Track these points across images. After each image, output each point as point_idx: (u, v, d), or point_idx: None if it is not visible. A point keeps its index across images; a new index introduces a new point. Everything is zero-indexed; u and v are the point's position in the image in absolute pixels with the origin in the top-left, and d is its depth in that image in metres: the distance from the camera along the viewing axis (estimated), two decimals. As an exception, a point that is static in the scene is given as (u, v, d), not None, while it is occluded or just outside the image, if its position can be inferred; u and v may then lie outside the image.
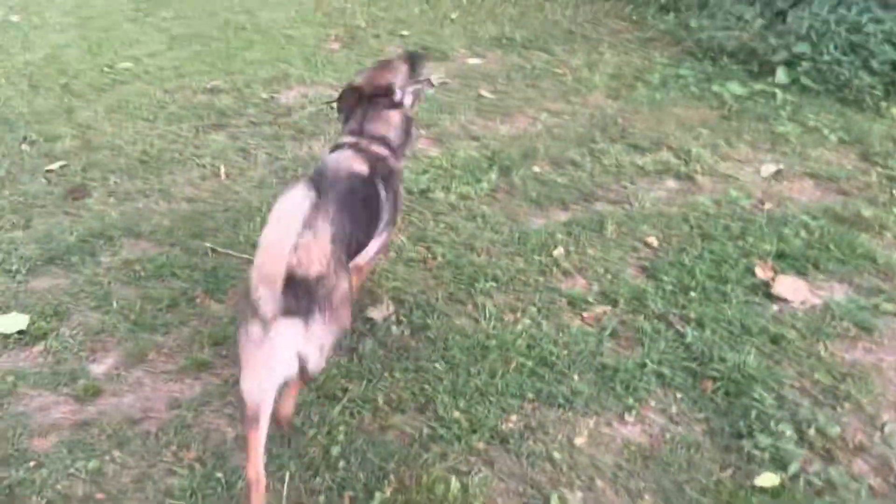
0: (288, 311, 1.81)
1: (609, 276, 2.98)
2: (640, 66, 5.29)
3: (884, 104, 4.27)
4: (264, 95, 5.07)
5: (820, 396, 2.31)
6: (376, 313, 2.80)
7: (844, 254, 2.96)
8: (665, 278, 2.90)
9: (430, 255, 3.19)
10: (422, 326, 2.73)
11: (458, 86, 5.12)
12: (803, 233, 3.12)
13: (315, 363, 1.94)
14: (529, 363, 2.52)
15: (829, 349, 2.49)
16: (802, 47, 4.70)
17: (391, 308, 2.83)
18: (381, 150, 2.45)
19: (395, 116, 2.54)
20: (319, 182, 2.12)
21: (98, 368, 2.59)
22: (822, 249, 3.00)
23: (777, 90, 4.56)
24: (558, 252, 3.16)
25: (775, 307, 2.73)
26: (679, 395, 2.37)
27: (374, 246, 2.43)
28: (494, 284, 2.98)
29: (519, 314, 2.79)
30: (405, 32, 6.31)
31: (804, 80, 4.58)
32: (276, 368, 1.86)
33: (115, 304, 2.88)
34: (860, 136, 3.95)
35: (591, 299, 2.85)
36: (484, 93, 5.09)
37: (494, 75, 5.39)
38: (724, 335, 2.58)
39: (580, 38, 5.98)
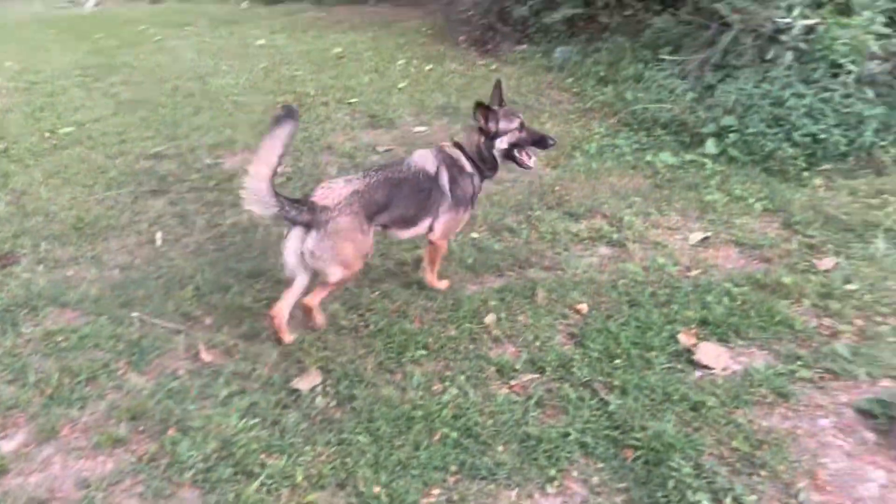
0: (299, 222, 2.82)
1: (538, 344, 3.01)
2: (580, 135, 5.47)
3: (805, 174, 4.47)
4: (208, 161, 5.09)
5: (737, 464, 2.33)
6: (302, 384, 2.77)
7: (765, 321, 3.04)
8: (592, 345, 2.94)
9: (362, 323, 3.19)
10: (348, 397, 2.71)
11: (403, 153, 5.21)
12: (726, 300, 3.20)
13: (316, 265, 2.87)
14: (454, 434, 2.50)
15: (748, 416, 2.52)
16: (730, 120, 4.92)
17: (318, 378, 2.81)
18: (456, 154, 3.27)
19: (475, 137, 3.26)
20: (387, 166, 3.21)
21: (7, 445, 2.50)
22: (743, 316, 3.08)
23: (706, 160, 4.75)
24: (490, 319, 3.19)
25: (697, 374, 2.77)
26: (601, 465, 2.37)
27: (438, 226, 3.26)
28: (425, 353, 2.98)
29: (447, 383, 2.78)
30: (354, 100, 6.45)
31: (732, 151, 4.78)
32: (289, 256, 2.86)
33: (31, 378, 2.80)
34: (783, 205, 4.11)
35: (519, 367, 2.87)
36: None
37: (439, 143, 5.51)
38: (646, 403, 2.60)
39: (523, 107, 6.15)
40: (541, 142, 3.30)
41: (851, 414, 2.52)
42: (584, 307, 3.25)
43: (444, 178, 3.22)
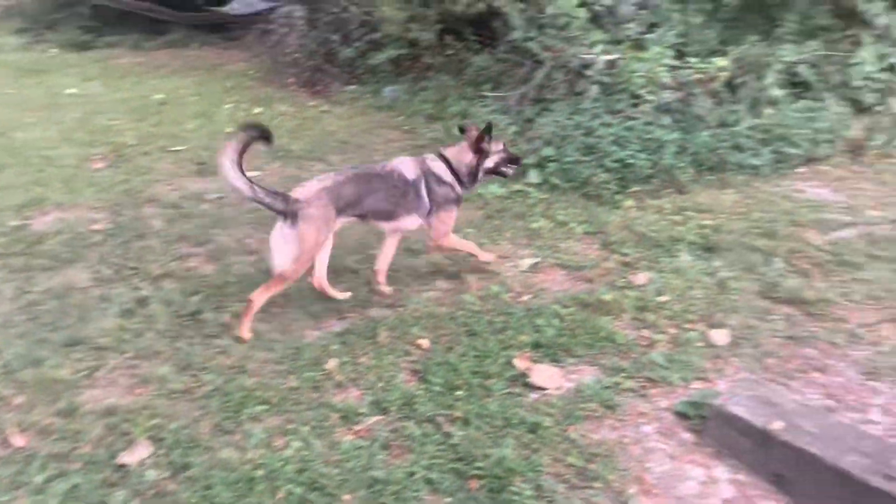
0: (276, 209, 3.31)
1: (382, 384, 3.01)
2: (413, 172, 5.58)
3: (618, 197, 4.84)
4: (15, 223, 4.66)
5: (574, 479, 2.45)
6: (130, 457, 2.58)
7: (591, 338, 3.24)
8: (434, 379, 2.98)
9: (196, 384, 3.03)
10: (182, 466, 2.55)
11: (234, 199, 5.06)
12: (556, 322, 3.38)
13: (284, 249, 3.36)
14: (299, 490, 2.43)
15: (580, 431, 2.67)
16: (549, 150, 5.24)
17: (148, 449, 2.62)
18: (438, 166, 3.75)
19: (469, 156, 3.79)
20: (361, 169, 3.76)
21: None
22: (572, 336, 3.26)
23: (531, 189, 5.02)
24: (332, 364, 3.15)
25: (533, 396, 2.89)
26: (447, 500, 2.40)
27: (433, 231, 3.77)
28: (265, 408, 2.88)
29: (290, 437, 2.70)
30: (179, 148, 6.19)
31: (553, 180, 5.09)
32: (273, 242, 3.38)
33: None
34: (601, 227, 4.42)
35: (364, 410, 2.85)
36: (261, 205, 5.07)
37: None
38: (487, 431, 2.68)
39: (355, 147, 6.22)
40: (516, 161, 4.04)
41: (671, 418, 2.74)
42: (425, 342, 3.30)
43: (422, 187, 3.70)
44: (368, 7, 7.63)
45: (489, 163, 3.84)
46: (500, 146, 3.94)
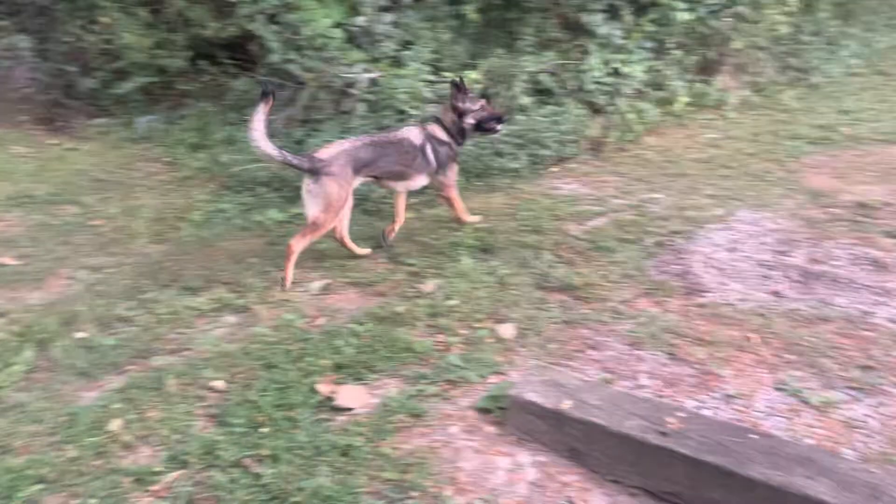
0: (303, 169, 3.94)
1: (177, 437, 2.80)
2: (182, 205, 5.28)
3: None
4: None
5: (392, 494, 2.47)
6: None
7: (390, 351, 3.29)
8: (235, 421, 2.84)
9: (-53, 478, 2.59)
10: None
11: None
12: (354, 340, 3.38)
13: (311, 202, 3.98)
14: (94, 571, 2.18)
15: (392, 445, 2.69)
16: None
17: None
18: (436, 129, 4.37)
19: (450, 115, 4.37)
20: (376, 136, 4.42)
21: None
22: (372, 352, 3.29)
23: (311, 211, 4.97)
24: (116, 425, 2.86)
25: (341, 418, 2.87)
26: (267, 543, 2.30)
27: (443, 182, 4.45)
28: (42, 487, 2.55)
29: (75, 515, 2.42)
30: None
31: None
32: (305, 196, 4.01)
33: None
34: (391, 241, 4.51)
35: (159, 468, 2.63)
36: (6, 260, 4.49)
37: (16, 239, 4.82)
38: (298, 463, 2.60)
39: (113, 184, 5.73)
40: (499, 118, 4.48)
41: (474, 415, 2.86)
42: (220, 383, 3.12)
43: (429, 150, 4.31)
44: (108, 35, 7.06)
45: (470, 119, 4.33)
46: (479, 104, 4.36)
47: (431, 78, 5.78)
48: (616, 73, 6.32)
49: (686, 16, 6.46)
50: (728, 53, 7.12)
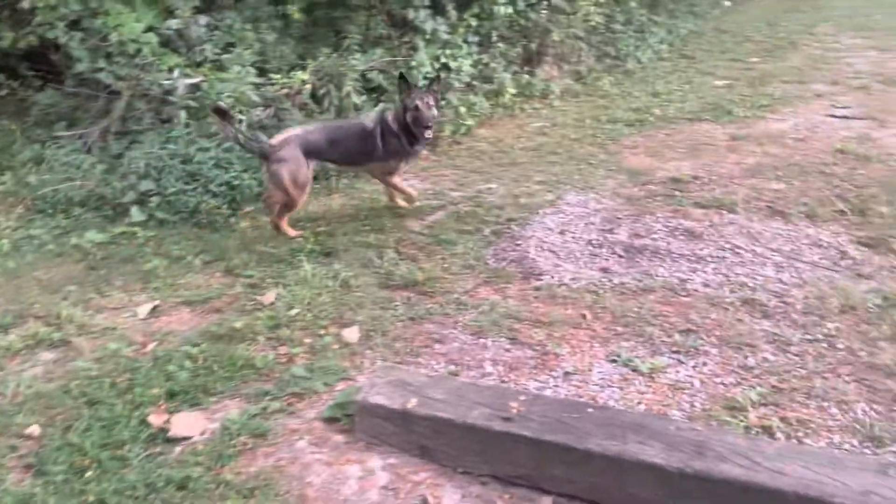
0: (255, 152, 4.45)
1: (-14, 496, 2.49)
2: (-15, 235, 4.73)
3: (232, 220, 4.76)
4: None
5: (237, 522, 2.34)
6: None
7: (229, 370, 3.12)
8: (54, 469, 2.57)
9: None
10: None
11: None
12: (189, 363, 3.17)
13: (268, 184, 4.40)
14: None
15: (235, 470, 2.55)
16: (148, 184, 4.89)
17: None
18: (390, 118, 4.42)
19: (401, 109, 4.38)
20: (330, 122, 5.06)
21: None
22: (209, 373, 3.10)
23: (137, 229, 4.64)
24: (-90, 494, 2.50)
25: (178, 449, 2.68)
26: None
27: (379, 168, 4.58)
28: None
29: None
30: None
31: (159, 214, 4.77)
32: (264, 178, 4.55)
33: None
34: (220, 254, 4.28)
35: (-34, 535, 2.33)
36: None
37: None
38: (131, 505, 2.40)
39: None
40: (419, 122, 4.30)
41: (321, 426, 2.78)
42: (35, 429, 2.81)
43: (378, 135, 4.38)
44: None
45: (408, 118, 4.29)
46: (416, 103, 4.26)
47: (258, 80, 5.57)
48: (445, 67, 6.42)
49: (506, 9, 6.68)
50: (549, 45, 7.46)
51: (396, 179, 4.64)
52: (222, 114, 4.26)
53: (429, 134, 4.41)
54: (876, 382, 2.78)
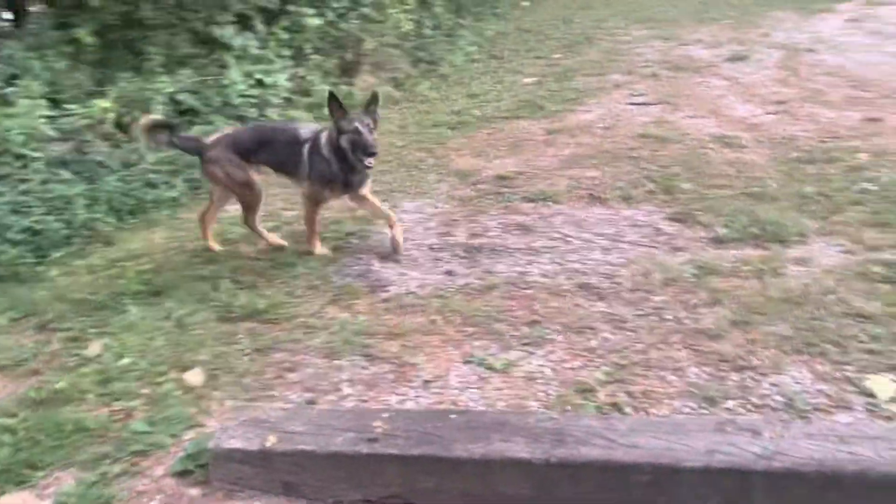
0: (191, 151, 4.27)
1: None
2: None
3: (40, 269, 4.30)
4: None
5: None
6: None
7: (57, 438, 2.79)
8: None
9: None
10: None
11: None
12: (7, 437, 2.80)
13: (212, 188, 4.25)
14: None
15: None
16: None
17: None
18: (323, 137, 3.93)
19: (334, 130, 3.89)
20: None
21: None
22: (33, 445, 2.76)
23: (-79, 293, 4.05)
24: None
25: (6, 539, 2.36)
26: None
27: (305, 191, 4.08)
28: None
29: None
30: None
31: (-52, 273, 4.20)
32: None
33: None
34: (30, 309, 3.85)
35: None
36: None
37: None
38: None
39: None
40: (359, 146, 3.74)
41: (172, 482, 2.56)
42: None
43: (306, 151, 3.92)
44: None
45: (343, 142, 3.77)
46: (355, 125, 3.74)
47: (51, 113, 5.07)
48: (260, 83, 6.22)
49: (316, 21, 6.59)
50: (364, 53, 7.47)
51: (310, 213, 4.09)
52: (157, 127, 4.11)
53: (370, 162, 3.85)
54: (702, 346, 3.03)
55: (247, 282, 3.95)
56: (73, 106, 5.19)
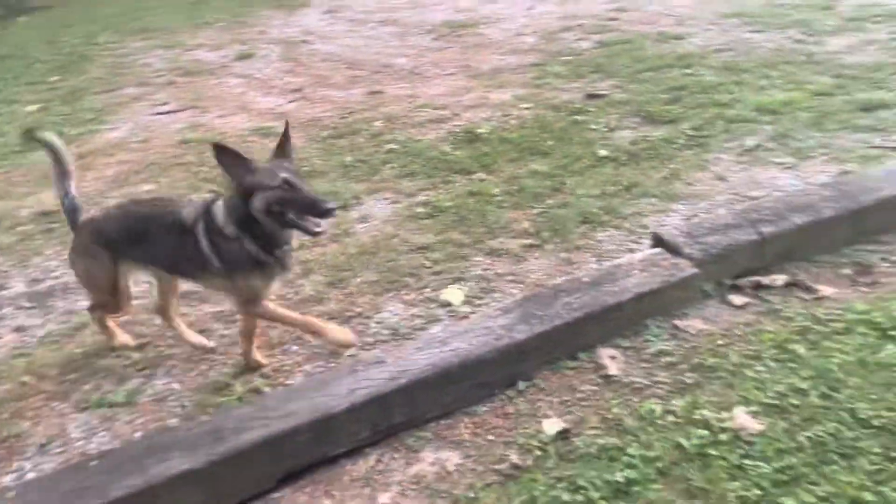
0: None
1: None
2: None
3: None
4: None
5: None
6: None
7: None
8: None
9: None
10: None
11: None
12: None
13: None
14: None
15: None
16: None
17: None
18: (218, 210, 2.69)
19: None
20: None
21: None
22: None
23: None
24: None
25: None
26: None
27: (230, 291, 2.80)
28: None
29: None
30: None
31: None
32: None
33: None
34: None
35: None
36: None
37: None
38: None
39: None
40: (314, 208, 2.54)
41: None
42: None
43: (202, 238, 2.70)
44: None
45: (258, 204, 2.54)
46: (283, 176, 2.53)
47: None
48: None
49: None
50: None
51: (268, 308, 2.81)
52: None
53: (325, 225, 2.66)
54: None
55: None
56: None
